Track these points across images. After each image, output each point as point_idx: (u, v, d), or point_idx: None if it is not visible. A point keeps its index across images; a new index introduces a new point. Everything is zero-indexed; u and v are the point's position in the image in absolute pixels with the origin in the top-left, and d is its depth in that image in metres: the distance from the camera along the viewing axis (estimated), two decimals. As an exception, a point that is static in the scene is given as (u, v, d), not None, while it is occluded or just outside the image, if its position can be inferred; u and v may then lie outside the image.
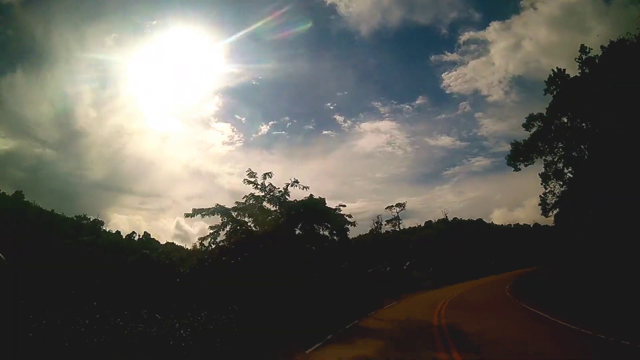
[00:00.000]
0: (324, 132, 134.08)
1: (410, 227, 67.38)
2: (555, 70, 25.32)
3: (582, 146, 24.14)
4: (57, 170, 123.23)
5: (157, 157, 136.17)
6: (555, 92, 25.02)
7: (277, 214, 16.81)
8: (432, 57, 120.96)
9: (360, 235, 58.23)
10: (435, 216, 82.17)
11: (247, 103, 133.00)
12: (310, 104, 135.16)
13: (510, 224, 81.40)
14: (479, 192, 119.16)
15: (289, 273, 14.62)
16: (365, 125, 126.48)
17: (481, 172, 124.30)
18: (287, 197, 17.26)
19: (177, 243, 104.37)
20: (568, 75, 24.77)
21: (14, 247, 15.34)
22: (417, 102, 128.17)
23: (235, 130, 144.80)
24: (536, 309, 14.58)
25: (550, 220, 29.79)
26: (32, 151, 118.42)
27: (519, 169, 28.09)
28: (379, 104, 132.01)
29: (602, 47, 22.11)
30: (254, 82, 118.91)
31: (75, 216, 62.19)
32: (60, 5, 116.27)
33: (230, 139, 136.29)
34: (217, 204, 16.67)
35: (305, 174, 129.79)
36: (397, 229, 62.15)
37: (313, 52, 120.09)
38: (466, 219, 72.48)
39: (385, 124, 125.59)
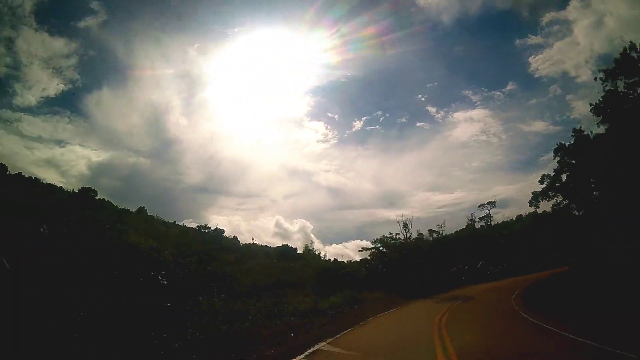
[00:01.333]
0: (418, 124, 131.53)
1: (502, 221, 75.83)
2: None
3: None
4: (153, 177, 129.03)
5: (253, 158, 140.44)
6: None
7: (400, 246, 33.42)
8: (517, 41, 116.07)
9: (456, 231, 66.78)
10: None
11: (338, 100, 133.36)
12: (402, 97, 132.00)
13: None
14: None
15: (409, 275, 30.79)
16: (458, 115, 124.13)
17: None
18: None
19: (278, 241, 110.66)
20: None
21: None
22: (507, 88, 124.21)
23: (328, 127, 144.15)
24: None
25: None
26: (126, 161, 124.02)
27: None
28: (470, 92, 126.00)
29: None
30: (342, 80, 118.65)
31: (198, 226, 71.66)
32: (139, 22, 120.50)
33: (325, 137, 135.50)
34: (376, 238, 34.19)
35: (401, 167, 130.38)
36: (489, 224, 72.58)
37: (398, 46, 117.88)
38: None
39: (478, 113, 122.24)
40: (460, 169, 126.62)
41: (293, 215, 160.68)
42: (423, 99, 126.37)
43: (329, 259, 67.05)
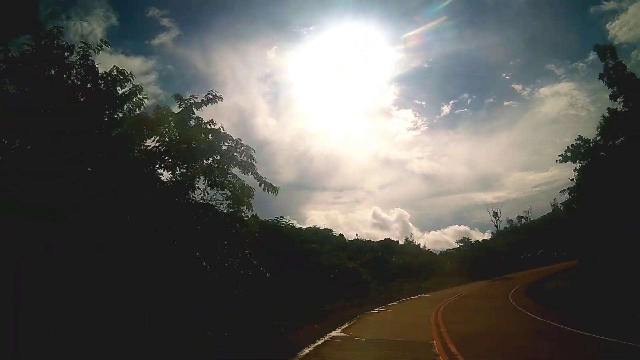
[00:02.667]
0: (505, 103, 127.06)
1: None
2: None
3: None
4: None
5: (344, 152, 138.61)
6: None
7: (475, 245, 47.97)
8: (591, 9, 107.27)
9: (543, 216, 68.85)
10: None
11: (423, 87, 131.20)
12: (486, 77, 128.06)
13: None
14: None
15: (479, 265, 45.09)
16: (544, 90, 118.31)
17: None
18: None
19: (377, 231, 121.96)
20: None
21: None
22: (589, 58, 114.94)
23: (417, 115, 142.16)
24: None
25: None
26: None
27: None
28: (553, 66, 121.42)
29: None
30: (425, 66, 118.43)
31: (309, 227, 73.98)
32: (212, 33, 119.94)
33: (414, 124, 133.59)
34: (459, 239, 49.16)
35: (493, 148, 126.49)
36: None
37: (476, 26, 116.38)
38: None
39: (563, 86, 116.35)
40: (552, 145, 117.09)
41: (390, 205, 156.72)
42: (507, 77, 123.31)
43: (428, 249, 76.67)
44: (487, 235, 77.58)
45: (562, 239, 54.81)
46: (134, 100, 9.69)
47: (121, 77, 9.33)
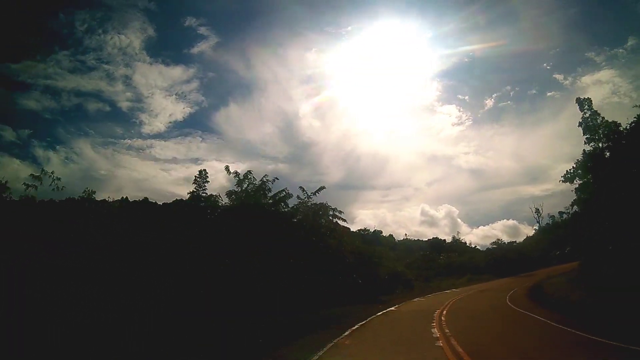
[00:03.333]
0: (548, 93, 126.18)
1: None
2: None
3: None
4: (294, 181, 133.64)
5: (390, 150, 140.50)
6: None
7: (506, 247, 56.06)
8: None
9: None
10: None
11: (465, 81, 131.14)
12: (527, 68, 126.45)
13: None
14: None
15: (507, 263, 53.24)
16: (586, 79, 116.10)
17: None
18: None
19: (426, 229, 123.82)
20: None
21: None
22: (629, 44, 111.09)
23: (461, 109, 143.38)
24: None
25: None
26: (265, 169, 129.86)
27: None
28: (593, 54, 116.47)
29: None
30: (465, 60, 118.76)
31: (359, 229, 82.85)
32: (251, 38, 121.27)
33: (459, 119, 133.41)
34: (493, 241, 57.30)
35: (538, 140, 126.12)
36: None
37: (513, 17, 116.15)
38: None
39: (605, 74, 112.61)
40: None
41: (438, 202, 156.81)
42: (548, 67, 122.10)
43: (475, 246, 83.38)
44: (533, 230, 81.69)
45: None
46: (282, 195, 21.62)
47: (282, 195, 21.28)
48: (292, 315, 15.59)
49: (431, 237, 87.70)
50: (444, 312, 18.62)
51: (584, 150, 26.44)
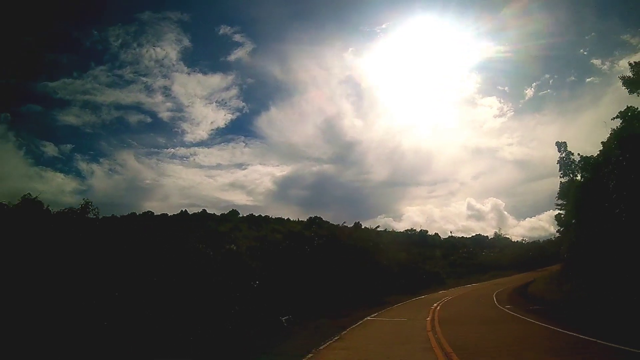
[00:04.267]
0: (587, 79, 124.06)
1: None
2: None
3: None
4: (340, 181, 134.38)
5: (434, 145, 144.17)
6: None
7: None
8: None
9: None
10: None
11: (503, 72, 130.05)
12: (564, 55, 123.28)
13: None
14: None
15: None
16: (624, 62, 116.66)
17: None
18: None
19: (473, 223, 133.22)
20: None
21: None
22: None
23: (502, 101, 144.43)
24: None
25: None
26: (310, 170, 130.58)
27: None
28: (628, 36, 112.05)
29: None
30: (503, 50, 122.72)
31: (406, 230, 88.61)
32: (286, 42, 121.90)
33: (500, 111, 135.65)
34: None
35: (580, 127, 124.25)
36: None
37: (547, 5, 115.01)
38: None
39: None
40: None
41: (484, 195, 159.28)
42: (585, 52, 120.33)
43: (517, 240, 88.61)
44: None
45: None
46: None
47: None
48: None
49: (474, 234, 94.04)
50: (447, 298, 32.33)
51: (560, 182, 34.58)
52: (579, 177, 31.78)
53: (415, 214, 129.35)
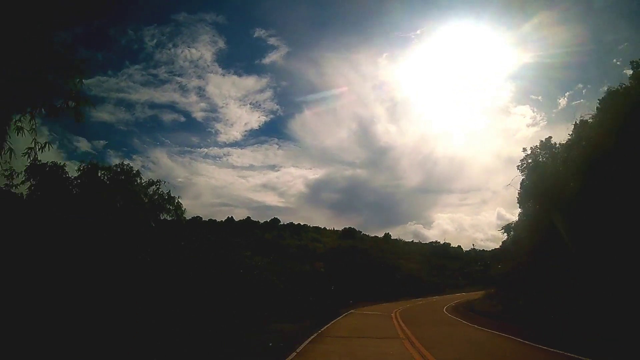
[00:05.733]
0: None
1: None
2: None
3: None
4: (372, 185, 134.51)
5: (467, 153, 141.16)
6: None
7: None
8: None
9: None
10: None
11: (536, 81, 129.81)
12: (597, 65, 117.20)
13: None
14: None
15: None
16: None
17: None
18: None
19: (501, 234, 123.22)
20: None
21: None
22: None
23: (535, 110, 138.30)
24: None
25: None
26: (342, 174, 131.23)
27: None
28: None
29: None
30: (536, 59, 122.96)
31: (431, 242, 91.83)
32: (321, 46, 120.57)
33: (533, 120, 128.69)
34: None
35: None
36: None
37: (579, 13, 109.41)
38: None
39: None
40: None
41: (515, 205, 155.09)
42: (618, 62, 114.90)
43: None
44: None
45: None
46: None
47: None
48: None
49: (493, 248, 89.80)
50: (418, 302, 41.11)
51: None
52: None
53: (446, 222, 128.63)
